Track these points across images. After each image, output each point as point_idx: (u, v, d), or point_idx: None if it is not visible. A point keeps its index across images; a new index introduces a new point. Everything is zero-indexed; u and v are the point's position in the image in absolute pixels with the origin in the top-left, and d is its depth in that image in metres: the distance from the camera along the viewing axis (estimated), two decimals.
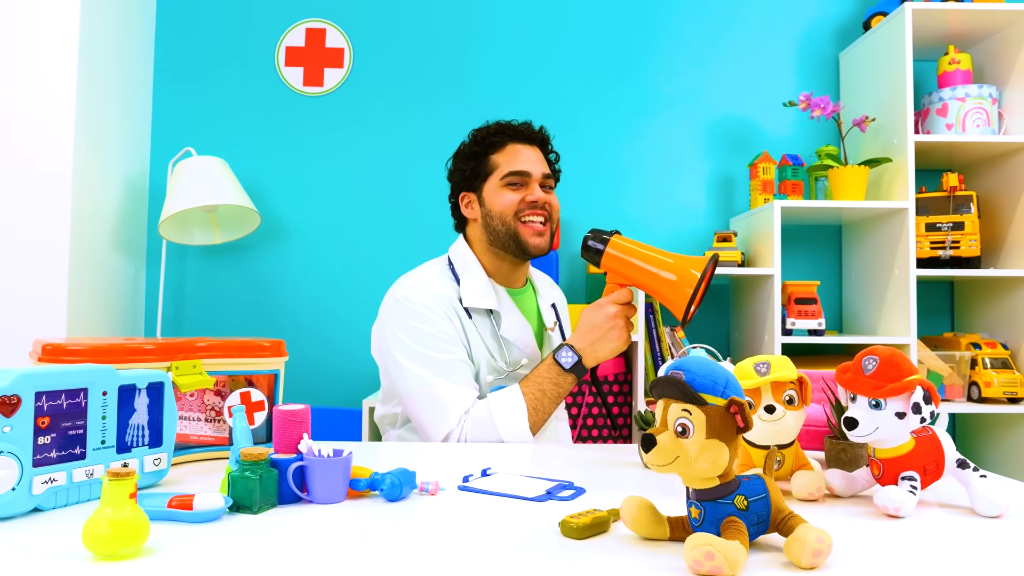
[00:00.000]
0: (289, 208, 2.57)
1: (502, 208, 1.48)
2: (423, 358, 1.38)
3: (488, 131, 1.54)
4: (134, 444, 0.90)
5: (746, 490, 0.70)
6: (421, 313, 1.41)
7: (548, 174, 1.53)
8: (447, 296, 1.45)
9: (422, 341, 1.39)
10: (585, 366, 1.36)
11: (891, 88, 2.29)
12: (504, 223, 1.47)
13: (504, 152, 1.51)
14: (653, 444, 0.68)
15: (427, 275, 1.49)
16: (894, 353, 0.87)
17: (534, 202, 1.48)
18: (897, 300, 2.25)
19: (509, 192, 1.48)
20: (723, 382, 0.69)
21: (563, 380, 1.37)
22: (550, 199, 1.52)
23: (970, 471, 0.87)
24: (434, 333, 1.40)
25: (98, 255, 2.24)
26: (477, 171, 1.52)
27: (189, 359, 1.04)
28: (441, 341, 1.40)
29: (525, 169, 1.49)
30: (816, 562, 0.65)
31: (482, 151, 1.52)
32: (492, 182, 1.50)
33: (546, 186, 1.53)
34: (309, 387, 2.50)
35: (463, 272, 1.50)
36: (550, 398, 1.36)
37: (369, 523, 0.80)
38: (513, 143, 1.52)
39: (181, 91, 2.59)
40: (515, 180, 1.49)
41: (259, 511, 0.82)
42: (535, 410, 1.35)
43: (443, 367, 1.38)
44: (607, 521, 0.77)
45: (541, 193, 1.50)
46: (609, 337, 1.34)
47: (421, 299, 1.42)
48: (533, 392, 1.36)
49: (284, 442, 0.89)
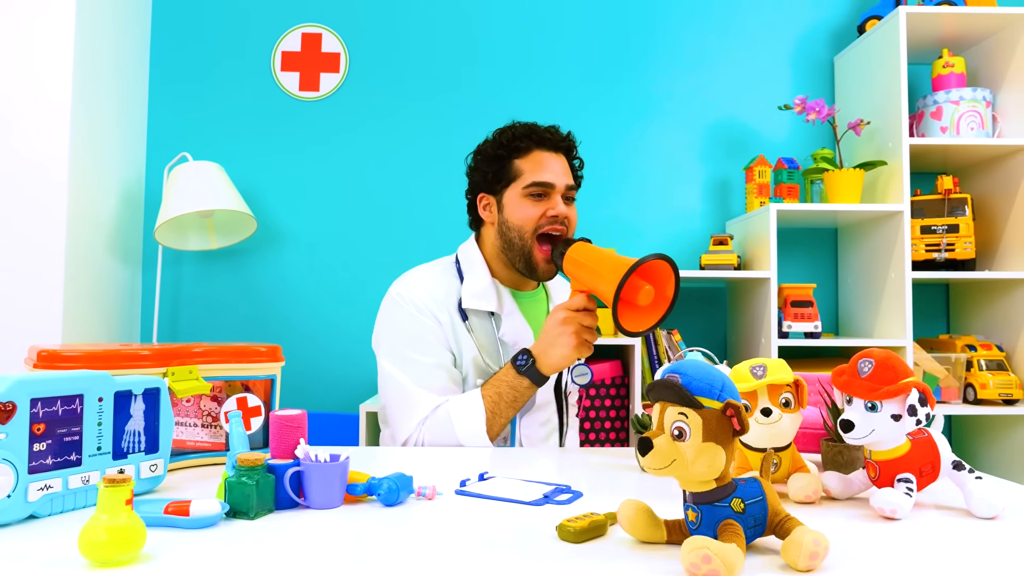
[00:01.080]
0: (285, 213, 2.57)
1: (521, 221, 1.43)
2: (402, 360, 1.39)
3: (514, 133, 1.47)
4: (130, 450, 0.90)
5: (743, 493, 0.70)
6: (410, 313, 1.41)
7: (572, 185, 1.47)
8: (440, 298, 1.43)
9: (405, 342, 1.40)
10: (540, 372, 1.33)
11: (886, 91, 2.30)
12: (521, 238, 1.43)
13: (529, 159, 1.45)
14: (650, 447, 0.68)
15: (426, 274, 1.48)
16: (890, 356, 0.88)
17: (555, 216, 1.43)
18: (893, 302, 2.25)
19: (530, 204, 1.43)
20: (719, 385, 0.69)
21: (519, 384, 1.33)
22: (570, 213, 1.47)
23: (966, 473, 0.88)
24: (418, 334, 1.40)
25: (94, 260, 2.23)
26: (500, 175, 1.47)
27: (185, 365, 1.04)
28: (424, 343, 1.39)
29: (550, 180, 1.43)
30: (813, 564, 0.66)
31: (506, 154, 1.46)
32: (514, 190, 1.45)
33: (568, 198, 1.47)
34: (306, 392, 2.50)
35: (468, 271, 1.48)
36: (507, 402, 1.33)
37: (366, 528, 0.80)
38: (539, 150, 1.46)
39: (177, 96, 2.59)
40: (538, 191, 1.43)
41: (256, 517, 0.82)
42: (493, 414, 1.33)
43: (419, 370, 1.38)
44: (604, 525, 0.77)
45: (563, 207, 1.44)
46: (558, 343, 1.30)
47: (412, 298, 1.42)
48: (491, 395, 1.34)
49: (281, 447, 0.89)
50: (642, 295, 1.19)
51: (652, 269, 1.19)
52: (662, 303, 1.20)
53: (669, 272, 1.19)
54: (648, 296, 1.19)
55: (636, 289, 1.19)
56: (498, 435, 1.36)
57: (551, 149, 1.46)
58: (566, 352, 1.30)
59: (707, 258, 2.33)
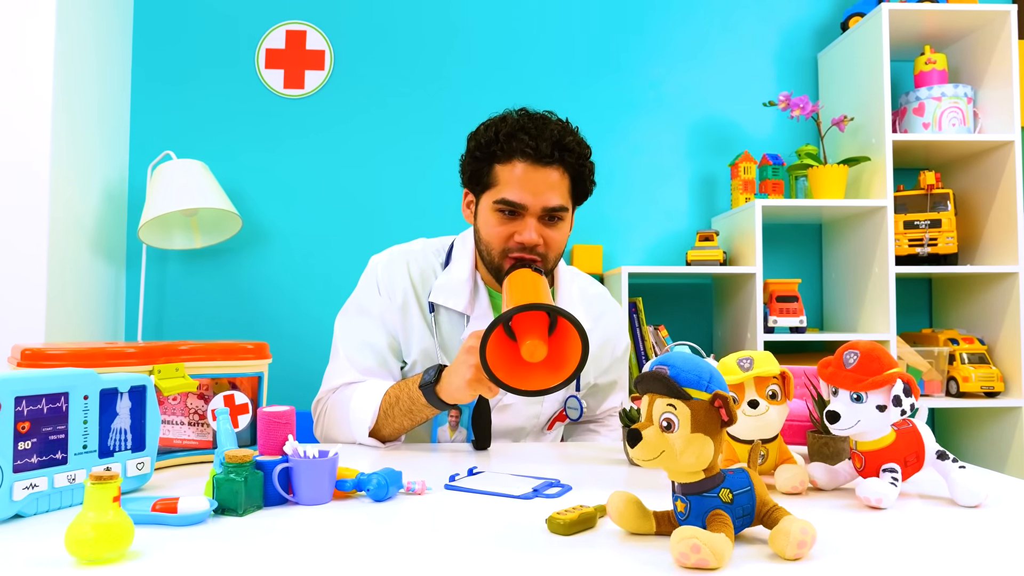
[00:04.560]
0: (271, 211, 2.56)
1: (488, 238, 1.30)
2: (345, 324, 1.40)
3: (497, 134, 1.27)
4: (116, 448, 0.89)
5: (731, 483, 0.70)
6: (370, 283, 1.41)
7: (555, 207, 1.26)
8: (404, 283, 1.36)
9: (354, 309, 1.41)
10: (439, 395, 1.17)
11: (869, 88, 2.32)
12: (489, 253, 1.31)
13: (508, 168, 1.26)
14: (639, 439, 0.68)
15: (407, 252, 1.42)
16: (874, 347, 0.88)
17: (521, 244, 1.26)
18: (877, 297, 2.27)
19: (498, 222, 1.27)
20: (707, 376, 0.70)
21: (416, 397, 1.19)
22: (549, 237, 1.27)
23: (949, 462, 0.89)
24: (365, 306, 1.39)
25: (77, 260, 2.21)
26: (478, 176, 1.31)
27: (172, 362, 1.03)
28: (367, 317, 1.38)
29: (520, 201, 1.25)
30: (800, 553, 0.66)
31: (483, 156, 1.29)
32: (488, 199, 1.29)
33: (553, 217, 1.28)
34: (294, 390, 2.47)
35: (455, 260, 1.40)
36: (402, 410, 1.22)
37: (356, 524, 0.80)
38: (521, 160, 1.25)
39: (160, 94, 2.56)
40: (507, 209, 1.26)
41: (244, 513, 0.81)
42: (385, 415, 1.24)
43: (351, 341, 1.37)
44: (594, 517, 0.77)
45: (533, 235, 1.25)
46: (457, 372, 1.13)
47: (378, 271, 1.40)
48: (391, 396, 1.24)
49: (269, 444, 0.88)
50: (526, 348, 1.01)
51: (562, 330, 1.04)
52: (561, 368, 1.03)
53: (575, 336, 1.01)
54: (534, 353, 1.01)
55: (524, 337, 1.02)
56: (392, 439, 1.27)
57: (536, 161, 1.24)
58: (460, 384, 1.12)
59: (693, 254, 2.34)
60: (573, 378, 1.02)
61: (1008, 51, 2.28)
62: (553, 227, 1.29)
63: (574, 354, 1.02)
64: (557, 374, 1.03)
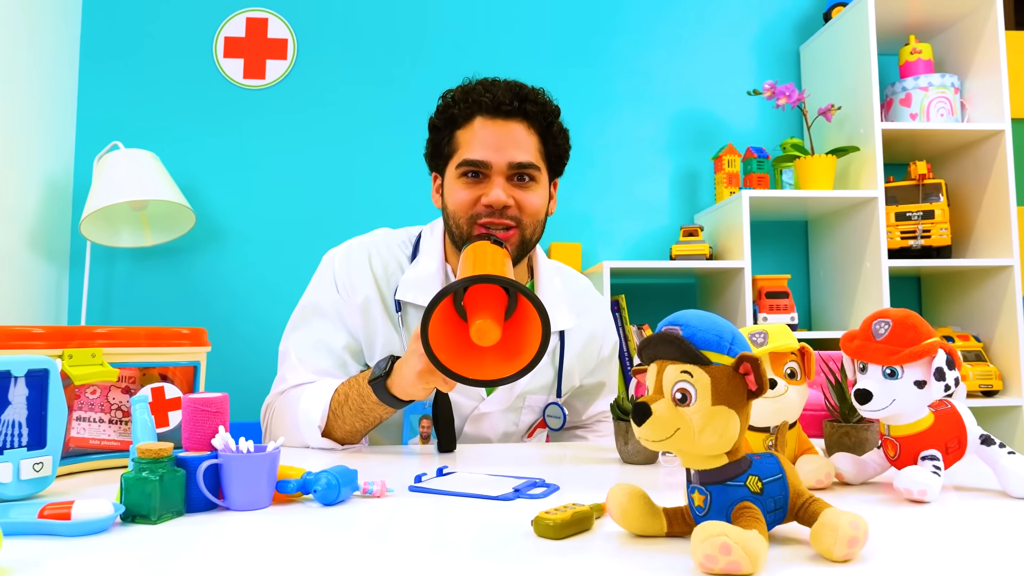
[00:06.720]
0: (227, 207, 2.39)
1: (454, 207, 1.18)
2: (299, 322, 1.24)
3: (454, 98, 1.19)
4: (7, 445, 0.73)
5: (759, 470, 0.57)
6: (325, 279, 1.25)
7: (522, 163, 1.15)
8: (365, 279, 1.22)
9: (308, 306, 1.25)
10: (389, 389, 1.02)
11: (854, 77, 2.24)
12: (457, 226, 1.18)
13: (469, 129, 1.17)
14: (648, 415, 0.55)
15: (367, 245, 1.28)
16: (909, 315, 0.76)
17: (490, 206, 1.14)
18: (869, 293, 2.17)
19: (462, 187, 1.16)
20: (729, 337, 0.56)
21: (366, 393, 1.05)
22: (520, 198, 1.16)
23: (996, 447, 0.77)
24: (318, 305, 1.23)
25: (15, 258, 2.03)
26: (440, 150, 1.21)
27: (87, 347, 0.87)
28: (320, 316, 1.22)
29: (483, 159, 1.14)
30: (852, 552, 0.53)
31: (443, 125, 1.19)
32: (451, 169, 1.19)
33: (523, 176, 1.16)
34: (250, 399, 2.30)
35: (422, 252, 1.25)
36: (352, 409, 1.07)
37: (299, 532, 0.65)
38: (481, 116, 1.16)
39: (109, 82, 2.39)
40: (470, 170, 1.16)
41: (159, 520, 0.66)
42: (335, 415, 1.09)
43: (305, 342, 1.21)
44: (590, 517, 0.63)
45: (501, 194, 1.13)
46: (408, 361, 0.98)
47: (336, 266, 1.25)
48: (341, 394, 1.10)
49: (195, 437, 0.73)
50: (475, 329, 0.87)
51: (521, 312, 0.91)
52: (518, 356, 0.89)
53: (535, 319, 0.87)
54: (484, 335, 0.87)
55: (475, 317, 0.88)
56: (345, 441, 1.11)
57: (496, 115, 1.15)
58: (411, 377, 0.97)
59: (678, 248, 2.22)
60: (531, 368, 0.88)
61: (995, 40, 2.22)
62: (524, 188, 1.17)
63: (534, 340, 0.87)
64: (513, 363, 0.89)
